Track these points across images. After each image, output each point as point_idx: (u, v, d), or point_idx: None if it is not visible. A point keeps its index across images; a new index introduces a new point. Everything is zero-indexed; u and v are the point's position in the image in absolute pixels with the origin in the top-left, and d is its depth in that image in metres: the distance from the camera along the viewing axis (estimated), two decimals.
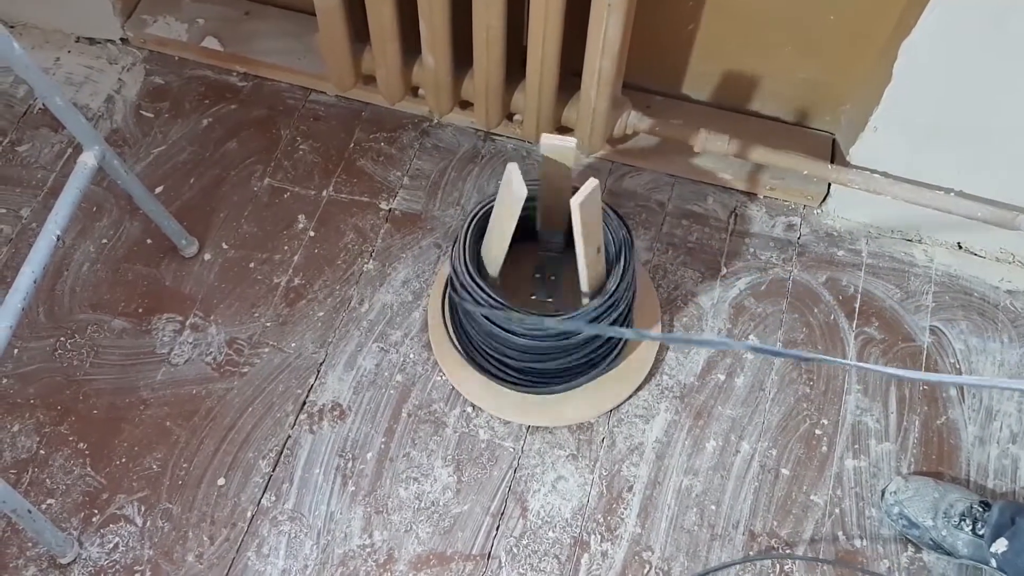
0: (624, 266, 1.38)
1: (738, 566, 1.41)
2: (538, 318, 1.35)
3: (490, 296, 1.34)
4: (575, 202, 1.25)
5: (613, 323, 1.39)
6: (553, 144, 1.28)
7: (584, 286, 1.39)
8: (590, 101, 1.55)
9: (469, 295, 1.36)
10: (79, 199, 1.33)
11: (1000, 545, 1.32)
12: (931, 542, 1.40)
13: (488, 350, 1.47)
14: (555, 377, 1.49)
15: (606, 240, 1.41)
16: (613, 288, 1.37)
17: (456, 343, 1.53)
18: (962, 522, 1.38)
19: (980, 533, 1.36)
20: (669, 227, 1.71)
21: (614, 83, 1.53)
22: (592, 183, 1.26)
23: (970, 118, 1.46)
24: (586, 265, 1.35)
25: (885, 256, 1.69)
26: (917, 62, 1.41)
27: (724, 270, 1.67)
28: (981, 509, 1.38)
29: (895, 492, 1.44)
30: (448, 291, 1.51)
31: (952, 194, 1.57)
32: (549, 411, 1.51)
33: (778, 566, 1.41)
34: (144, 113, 1.81)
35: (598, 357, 1.49)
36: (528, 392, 1.50)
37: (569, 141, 1.29)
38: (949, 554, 1.40)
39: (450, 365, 1.54)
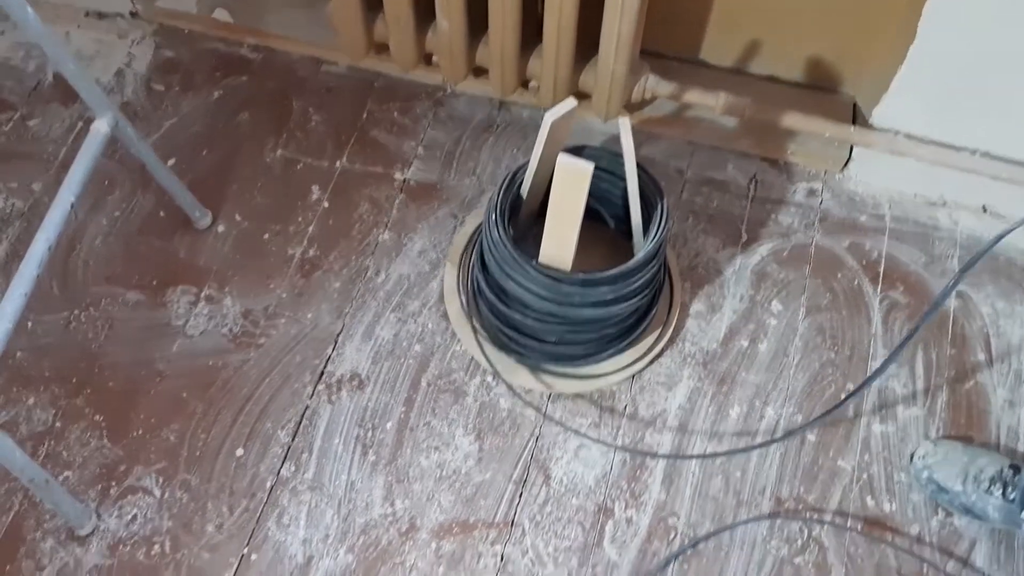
0: (661, 208, 1.37)
1: (764, 531, 1.39)
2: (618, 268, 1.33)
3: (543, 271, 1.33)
4: (627, 146, 1.25)
5: (656, 271, 1.39)
6: (557, 114, 1.27)
7: (638, 224, 1.38)
8: (608, 65, 1.52)
9: (527, 276, 1.34)
10: (92, 167, 1.31)
11: None
12: (961, 506, 1.38)
13: (516, 329, 1.44)
14: (585, 351, 1.47)
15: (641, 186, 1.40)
16: (659, 224, 1.36)
17: (482, 327, 1.50)
18: (992, 487, 1.35)
19: (1011, 498, 1.34)
20: (689, 194, 1.69)
21: (632, 46, 1.51)
22: (625, 122, 1.27)
23: (996, 76, 1.44)
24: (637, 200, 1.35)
25: (909, 220, 1.67)
26: (942, 18, 1.39)
27: (745, 237, 1.65)
28: (1011, 473, 1.36)
29: (924, 456, 1.41)
30: (478, 275, 1.48)
31: (977, 155, 1.54)
32: (570, 379, 1.48)
33: (806, 531, 1.39)
34: (155, 86, 1.80)
35: (628, 327, 1.47)
36: (554, 367, 1.48)
37: (570, 103, 1.27)
38: (980, 518, 1.37)
39: (468, 335, 1.52)
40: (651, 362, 1.52)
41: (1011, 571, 1.37)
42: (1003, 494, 1.34)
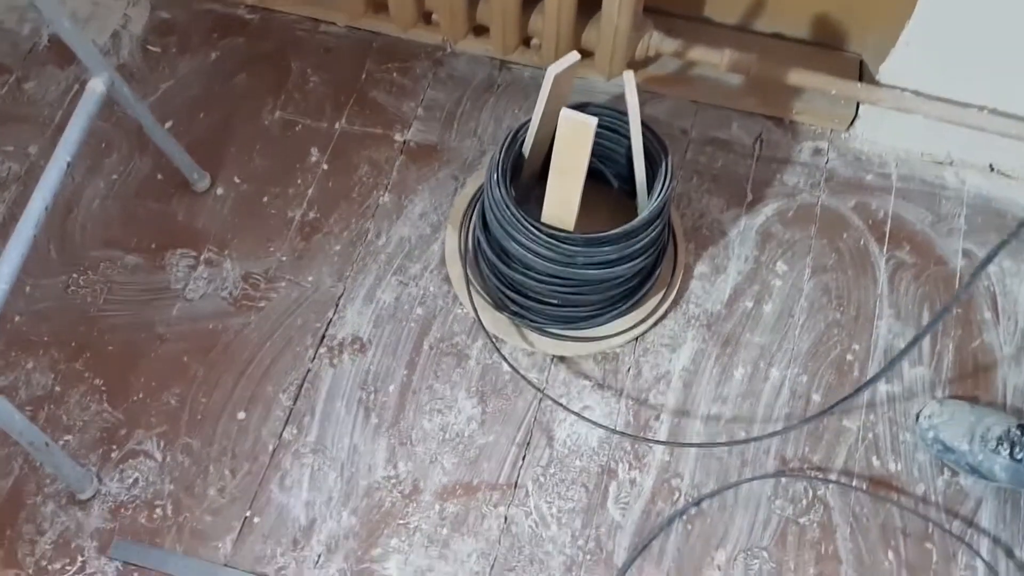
0: (666, 165, 1.35)
1: (769, 491, 1.38)
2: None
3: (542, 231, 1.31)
4: (632, 100, 1.22)
5: (661, 230, 1.38)
6: (560, 67, 1.24)
7: (642, 181, 1.36)
8: (612, 20, 1.50)
9: (531, 235, 1.32)
10: (88, 126, 1.29)
11: None
12: (967, 466, 1.37)
13: (518, 291, 1.43)
14: (588, 313, 1.45)
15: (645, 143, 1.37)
16: (664, 182, 1.33)
17: (483, 290, 1.49)
18: (999, 446, 1.34)
19: (1019, 458, 1.33)
20: (693, 154, 1.66)
21: (636, 2, 1.48)
22: (629, 75, 1.24)
23: (1005, 30, 1.41)
24: (642, 157, 1.32)
25: (915, 179, 1.65)
26: None
27: (750, 197, 1.63)
28: (1019, 432, 1.35)
29: (929, 416, 1.40)
30: (479, 236, 1.46)
31: (985, 111, 1.52)
32: (573, 342, 1.47)
33: (811, 491, 1.38)
34: (151, 48, 1.77)
35: (631, 288, 1.45)
36: (557, 329, 1.47)
37: (573, 56, 1.25)
38: (986, 478, 1.37)
39: (469, 300, 1.50)
40: (655, 324, 1.51)
41: (1016, 530, 1.36)
42: (1011, 454, 1.34)
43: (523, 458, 1.40)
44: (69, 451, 1.39)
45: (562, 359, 1.48)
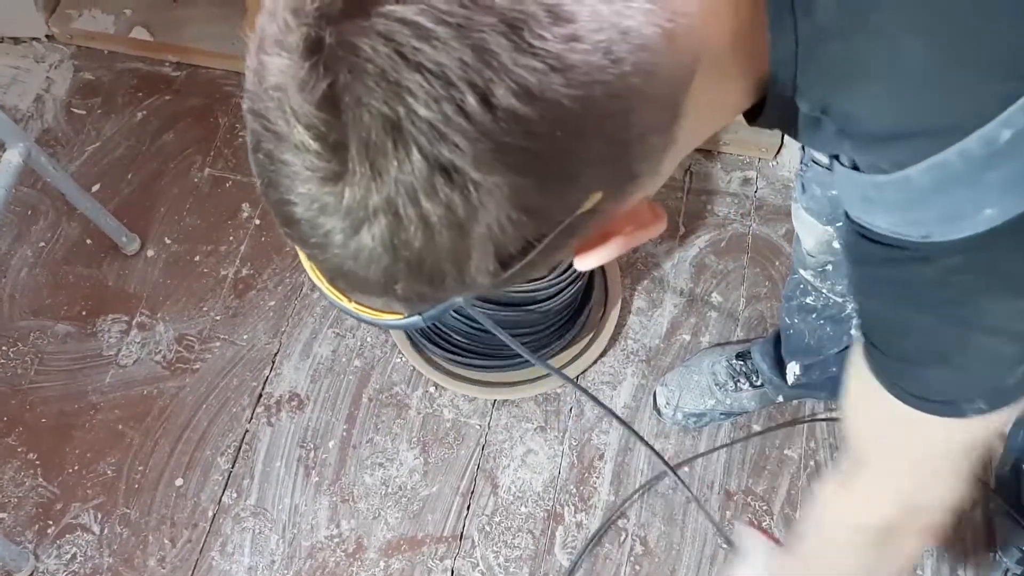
0: None
1: (714, 527, 1.38)
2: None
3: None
4: None
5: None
6: None
7: None
8: None
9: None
10: (7, 199, 1.27)
11: (792, 371, 1.34)
12: (722, 416, 1.43)
13: (450, 332, 1.43)
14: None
15: None
16: None
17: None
18: (738, 383, 1.41)
19: (758, 384, 1.40)
20: None
21: None
22: None
23: None
24: None
25: None
26: None
27: (683, 229, 1.64)
28: (740, 362, 1.42)
29: (667, 404, 1.44)
30: None
31: None
32: (514, 384, 1.47)
33: (756, 524, 1.39)
34: (75, 110, 1.75)
35: (563, 323, 1.45)
36: (495, 372, 1.47)
37: None
38: (741, 414, 1.44)
39: (409, 346, 1.49)
40: (594, 361, 1.51)
41: (960, 549, 1.38)
42: (751, 384, 1.41)
43: (468, 508, 1.39)
44: (4, 530, 1.36)
45: (504, 403, 1.48)
